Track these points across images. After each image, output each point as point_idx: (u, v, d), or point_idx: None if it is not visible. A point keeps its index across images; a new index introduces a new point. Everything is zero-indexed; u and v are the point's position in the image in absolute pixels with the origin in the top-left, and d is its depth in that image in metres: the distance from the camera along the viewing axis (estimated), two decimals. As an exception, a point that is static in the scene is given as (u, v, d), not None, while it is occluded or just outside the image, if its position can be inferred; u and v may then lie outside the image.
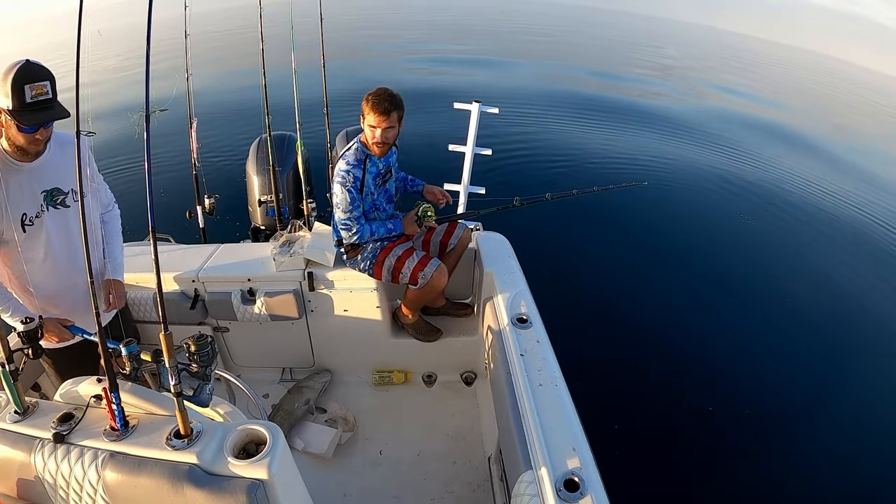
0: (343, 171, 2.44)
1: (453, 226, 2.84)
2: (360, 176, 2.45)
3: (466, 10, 40.39)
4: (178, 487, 1.32)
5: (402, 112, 2.45)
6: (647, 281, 5.45)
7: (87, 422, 1.49)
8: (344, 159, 2.48)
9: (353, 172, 2.43)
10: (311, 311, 2.91)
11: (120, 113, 7.23)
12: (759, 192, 8.21)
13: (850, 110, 20.74)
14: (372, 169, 2.51)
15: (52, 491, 1.44)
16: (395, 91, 2.41)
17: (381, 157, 2.55)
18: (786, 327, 4.97)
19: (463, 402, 2.99)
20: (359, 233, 2.54)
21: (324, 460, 2.62)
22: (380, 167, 2.56)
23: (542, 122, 10.23)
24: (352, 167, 2.44)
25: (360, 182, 2.46)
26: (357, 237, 2.56)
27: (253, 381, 2.72)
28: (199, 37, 5.10)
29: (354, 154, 2.47)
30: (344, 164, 2.46)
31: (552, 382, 1.91)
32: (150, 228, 1.44)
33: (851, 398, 4.20)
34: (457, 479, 2.54)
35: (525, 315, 2.30)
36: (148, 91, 1.45)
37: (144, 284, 2.84)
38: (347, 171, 2.43)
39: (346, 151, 2.51)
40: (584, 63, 20.07)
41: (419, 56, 17.78)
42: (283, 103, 3.80)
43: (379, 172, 2.57)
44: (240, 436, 1.45)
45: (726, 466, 3.48)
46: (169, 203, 5.12)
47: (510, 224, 3.30)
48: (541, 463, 1.58)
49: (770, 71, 29.69)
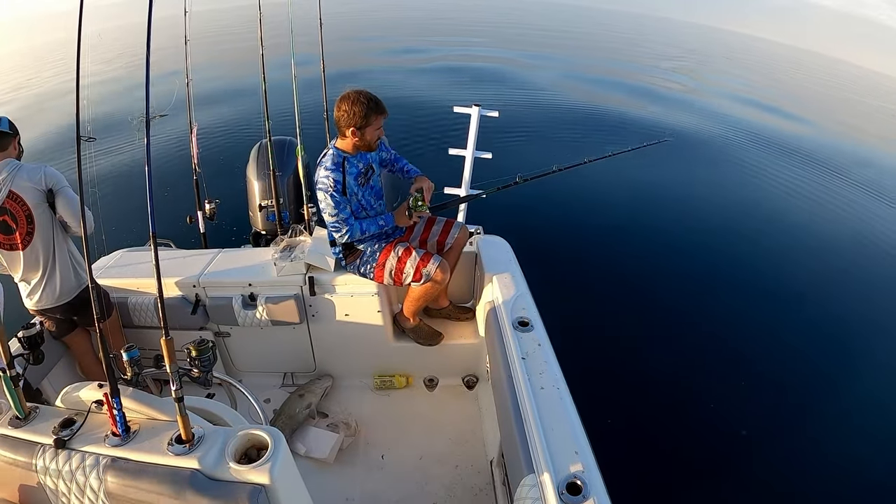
0: (322, 178, 2.45)
1: (449, 224, 2.83)
2: (341, 179, 2.45)
3: (466, 11, 40.51)
4: (180, 493, 1.32)
5: None
6: (649, 283, 5.44)
7: (89, 427, 1.49)
8: (322, 165, 2.48)
9: (332, 176, 2.43)
10: (313, 316, 2.91)
11: (120, 118, 7.24)
12: (762, 203, 8.22)
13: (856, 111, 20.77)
14: (352, 170, 2.50)
15: (54, 496, 1.44)
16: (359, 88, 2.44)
17: (355, 156, 2.53)
18: (788, 330, 4.95)
19: (465, 405, 2.98)
20: (349, 232, 2.52)
21: (325, 465, 2.62)
22: (359, 167, 2.55)
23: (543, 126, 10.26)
24: (330, 171, 2.44)
25: (341, 185, 2.45)
26: (348, 236, 2.54)
27: (254, 386, 2.72)
28: (200, 42, 5.11)
29: (331, 159, 2.47)
30: (322, 170, 2.46)
31: (554, 386, 1.91)
32: (151, 234, 1.44)
33: (857, 396, 4.19)
34: (459, 483, 2.53)
35: (526, 318, 2.30)
36: (148, 96, 1.46)
37: (146, 290, 2.84)
38: (327, 175, 2.44)
39: (322, 158, 2.52)
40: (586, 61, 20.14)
41: (420, 58, 17.85)
42: (283, 108, 3.80)
43: (360, 172, 2.55)
44: (241, 441, 1.45)
45: (729, 470, 3.46)
46: (169, 208, 5.12)
47: (511, 228, 3.30)
48: (543, 466, 1.57)
49: (774, 70, 29.76)
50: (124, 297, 2.83)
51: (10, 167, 2.24)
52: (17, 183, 2.24)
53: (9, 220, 2.25)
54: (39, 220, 2.31)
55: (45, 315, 2.51)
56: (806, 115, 16.12)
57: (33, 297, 2.43)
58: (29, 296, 2.44)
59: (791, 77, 29.13)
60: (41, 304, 2.44)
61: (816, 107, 19.88)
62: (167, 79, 3.56)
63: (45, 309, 2.47)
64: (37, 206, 2.29)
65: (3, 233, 2.27)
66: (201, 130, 3.80)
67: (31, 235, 2.31)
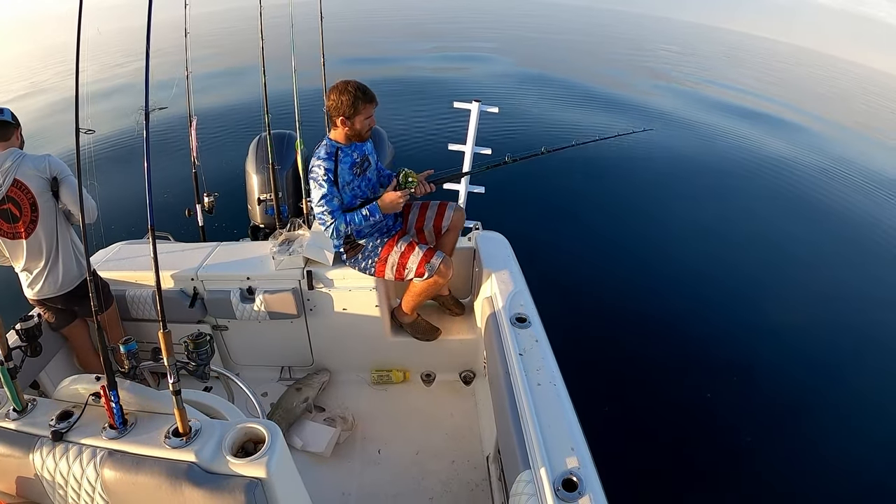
0: (314, 167, 2.44)
1: (443, 206, 2.80)
2: (332, 168, 2.43)
3: (466, 10, 40.36)
4: (177, 486, 1.32)
5: None
6: (647, 279, 5.45)
7: (86, 420, 1.49)
8: (315, 156, 2.47)
9: (323, 165, 2.42)
10: (310, 310, 2.91)
11: (119, 111, 7.23)
12: (762, 189, 8.22)
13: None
14: (345, 160, 2.48)
15: (51, 489, 1.44)
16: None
17: (349, 146, 2.51)
18: (788, 327, 4.95)
19: (461, 401, 2.99)
20: (334, 225, 2.46)
21: (322, 459, 2.62)
22: (354, 156, 2.52)
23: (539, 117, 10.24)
24: (323, 160, 2.43)
25: (332, 174, 2.43)
26: (333, 231, 2.48)
27: (251, 380, 2.72)
28: (199, 35, 5.09)
29: (325, 149, 2.46)
30: (315, 159, 2.45)
31: (551, 382, 1.92)
32: (150, 227, 1.44)
33: (856, 395, 4.20)
34: (455, 478, 2.54)
35: (524, 314, 2.31)
36: (147, 89, 1.46)
37: (144, 282, 2.84)
38: (318, 165, 2.43)
39: (316, 149, 2.51)
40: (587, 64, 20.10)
41: (419, 54, 17.79)
42: (282, 102, 3.80)
43: (355, 161, 2.53)
44: (238, 434, 1.45)
45: (726, 465, 3.48)
46: (168, 201, 5.12)
47: (509, 223, 3.30)
48: (539, 462, 1.58)
49: (774, 68, 29.71)
50: (122, 289, 2.83)
51: (15, 156, 2.25)
52: (22, 171, 2.25)
53: (13, 208, 2.25)
54: (43, 209, 2.31)
55: (45, 305, 2.51)
56: (807, 113, 16.10)
57: (35, 286, 2.43)
58: (30, 285, 2.44)
59: (793, 75, 29.10)
60: (43, 294, 2.44)
61: (823, 106, 19.86)
62: (167, 72, 3.55)
63: (47, 298, 2.47)
64: (41, 195, 2.30)
65: (7, 221, 2.27)
66: (200, 123, 3.79)
67: (34, 224, 2.31)
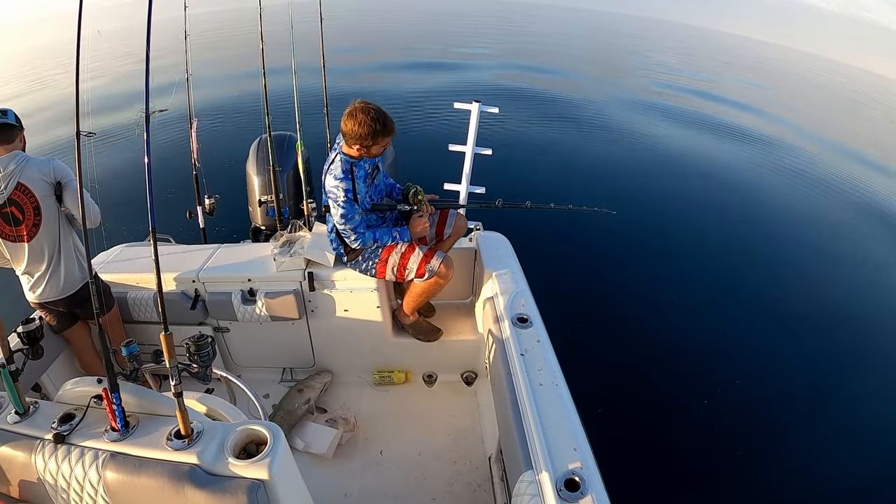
0: (332, 187, 2.42)
1: (444, 214, 2.81)
2: (351, 187, 2.43)
3: (466, 10, 40.35)
4: (179, 488, 1.32)
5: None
6: (648, 280, 5.45)
7: (88, 422, 1.49)
8: (331, 174, 2.44)
9: (341, 186, 2.40)
10: (312, 312, 2.91)
11: (120, 114, 7.23)
12: (761, 190, 8.21)
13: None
14: (360, 173, 2.48)
15: (53, 491, 1.44)
16: (368, 103, 2.38)
17: (360, 160, 2.49)
18: (787, 326, 4.96)
19: (463, 401, 2.99)
20: (360, 240, 2.54)
21: (324, 460, 2.62)
22: (366, 168, 2.53)
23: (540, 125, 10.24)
24: (340, 181, 2.40)
25: (351, 193, 2.43)
26: (360, 243, 2.55)
27: (253, 382, 2.72)
28: (199, 37, 5.10)
29: (340, 166, 2.43)
30: (332, 179, 2.43)
31: (553, 382, 1.91)
32: (151, 229, 1.44)
33: (854, 401, 4.19)
34: (457, 478, 2.54)
35: (525, 314, 2.30)
36: (148, 92, 1.46)
37: (145, 285, 2.85)
38: (336, 186, 2.40)
39: (330, 165, 2.48)
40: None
41: (419, 56, 17.79)
42: (283, 103, 3.79)
43: (367, 173, 2.54)
44: (240, 436, 1.45)
45: (727, 465, 3.47)
46: (169, 203, 5.13)
47: (510, 223, 3.30)
48: (541, 463, 1.58)
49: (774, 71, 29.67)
50: (124, 292, 2.84)
51: (19, 159, 2.25)
52: (27, 175, 2.25)
53: (16, 211, 2.26)
54: (46, 213, 2.32)
55: (46, 308, 2.52)
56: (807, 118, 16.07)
57: (37, 289, 2.43)
58: (32, 289, 2.44)
59: (794, 79, 29.04)
60: (44, 297, 2.44)
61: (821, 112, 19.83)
62: (167, 74, 3.55)
63: (48, 302, 2.47)
64: (44, 199, 2.30)
65: (9, 224, 2.27)
66: (201, 125, 3.79)
67: (37, 227, 2.32)
